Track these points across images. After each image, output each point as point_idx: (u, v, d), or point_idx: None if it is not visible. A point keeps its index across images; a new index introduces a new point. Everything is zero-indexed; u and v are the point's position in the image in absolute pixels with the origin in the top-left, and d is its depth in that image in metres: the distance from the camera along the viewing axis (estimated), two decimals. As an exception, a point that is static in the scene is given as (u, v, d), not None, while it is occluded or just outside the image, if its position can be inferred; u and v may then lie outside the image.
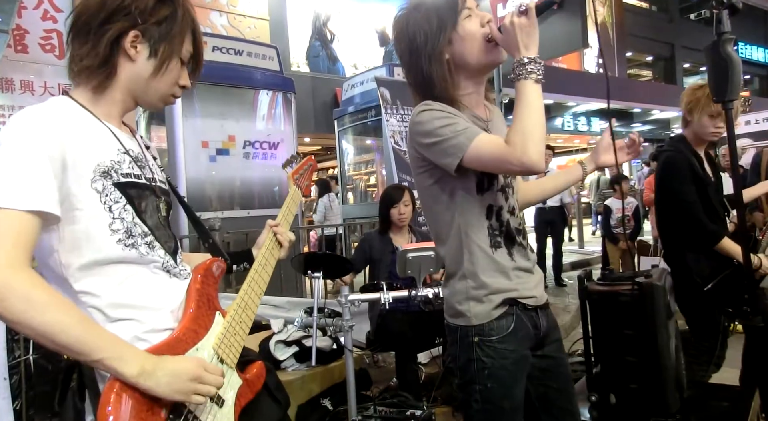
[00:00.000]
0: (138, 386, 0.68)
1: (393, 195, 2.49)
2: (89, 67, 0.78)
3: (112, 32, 0.77)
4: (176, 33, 0.81)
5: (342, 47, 9.11)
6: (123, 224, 0.77)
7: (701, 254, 1.67)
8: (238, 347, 0.86)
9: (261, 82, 3.67)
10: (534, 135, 0.87)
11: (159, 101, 0.86)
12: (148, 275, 0.80)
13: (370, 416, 1.73)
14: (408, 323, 2.24)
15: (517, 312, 1.00)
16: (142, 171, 0.83)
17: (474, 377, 0.98)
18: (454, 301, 1.01)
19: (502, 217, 1.01)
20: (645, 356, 1.17)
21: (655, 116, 12.77)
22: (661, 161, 1.81)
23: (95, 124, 0.78)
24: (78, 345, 0.66)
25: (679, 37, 13.47)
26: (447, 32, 0.96)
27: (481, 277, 0.98)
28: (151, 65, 0.81)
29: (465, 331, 0.99)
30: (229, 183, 3.51)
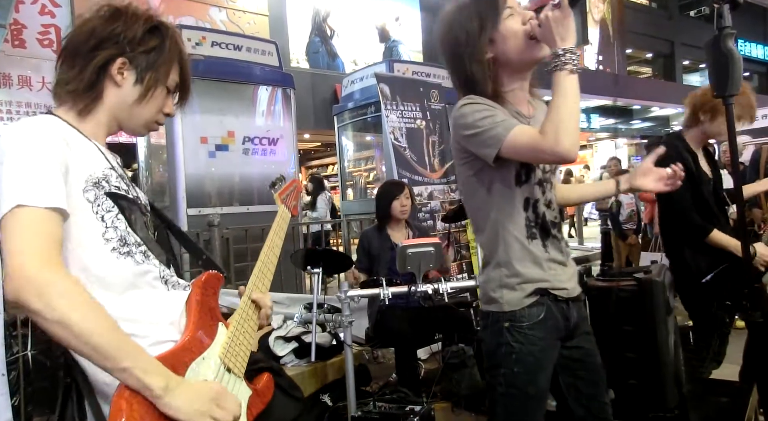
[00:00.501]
0: (159, 400, 0.67)
1: (394, 188, 2.49)
2: (74, 91, 0.80)
3: (100, 59, 0.79)
4: (162, 62, 0.84)
5: (342, 43, 9.07)
6: (116, 233, 0.77)
7: (698, 249, 1.68)
8: (245, 357, 0.85)
9: (260, 77, 3.65)
10: (566, 125, 0.89)
11: (142, 127, 0.88)
12: (146, 287, 0.79)
13: (369, 411, 1.74)
14: (407, 319, 2.24)
15: (548, 303, 1.03)
16: (128, 187, 0.84)
17: (501, 361, 1.02)
18: (488, 288, 1.05)
19: (538, 209, 1.05)
20: (644, 352, 1.18)
21: (654, 113, 12.77)
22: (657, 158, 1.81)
23: (83, 140, 0.79)
24: (108, 350, 0.65)
25: (678, 34, 13.44)
26: (488, 32, 1.00)
27: (515, 266, 1.02)
28: (137, 92, 0.83)
29: (496, 317, 1.03)
30: (228, 179, 3.50)
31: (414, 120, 3.78)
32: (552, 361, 1.04)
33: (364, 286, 2.05)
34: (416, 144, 3.72)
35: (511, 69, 1.03)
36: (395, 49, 9.62)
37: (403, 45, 9.74)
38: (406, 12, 9.88)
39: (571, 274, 1.08)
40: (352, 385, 1.83)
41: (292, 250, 3.31)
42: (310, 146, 10.71)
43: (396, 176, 3.45)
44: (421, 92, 3.92)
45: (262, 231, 3.36)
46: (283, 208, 1.14)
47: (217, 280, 0.90)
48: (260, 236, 3.35)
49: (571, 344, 1.07)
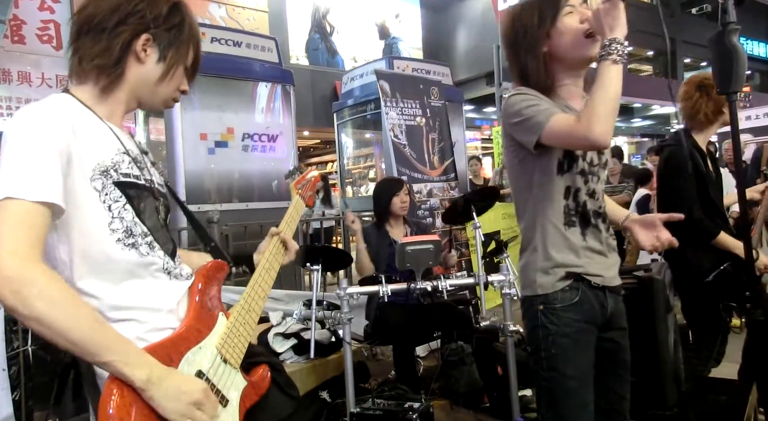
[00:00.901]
0: (142, 393, 0.67)
1: (393, 184, 2.48)
2: (102, 67, 0.79)
3: (127, 35, 0.79)
4: (184, 40, 0.84)
5: (341, 40, 9.04)
6: (122, 224, 0.76)
7: (701, 250, 1.67)
8: (242, 348, 0.85)
9: (260, 73, 3.64)
10: (600, 112, 0.92)
11: (161, 104, 0.88)
12: (148, 277, 0.79)
13: (368, 408, 1.74)
14: (406, 316, 2.25)
15: (583, 288, 1.05)
16: (141, 172, 0.83)
17: (539, 344, 1.05)
18: (525, 273, 1.10)
19: (579, 198, 1.07)
20: (644, 350, 1.18)
21: (655, 111, 12.74)
22: (663, 156, 1.80)
23: (97, 122, 0.78)
24: (88, 344, 0.65)
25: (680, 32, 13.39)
26: (546, 27, 1.04)
27: (549, 251, 1.06)
28: (159, 69, 0.83)
29: (531, 300, 1.07)
30: (228, 175, 3.49)
31: (414, 117, 3.77)
32: (590, 344, 1.05)
33: (363, 283, 2.05)
34: (416, 141, 3.71)
35: (565, 65, 1.07)
36: (395, 46, 9.59)
37: (403, 42, 9.72)
38: (406, 9, 9.85)
39: (610, 264, 1.10)
40: (351, 382, 1.83)
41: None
42: (309, 143, 10.69)
43: (396, 173, 3.45)
44: (421, 89, 3.91)
45: (261, 228, 3.36)
46: (297, 198, 1.12)
47: (222, 269, 0.89)
48: (260, 233, 3.35)
49: (606, 335, 1.09)
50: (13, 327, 2.17)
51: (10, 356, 2.11)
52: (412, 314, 2.24)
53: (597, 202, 1.10)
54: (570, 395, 1.03)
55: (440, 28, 10.24)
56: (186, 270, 0.87)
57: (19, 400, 2.13)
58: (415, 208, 3.43)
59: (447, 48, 10.13)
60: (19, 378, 2.14)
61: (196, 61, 0.89)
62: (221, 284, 0.89)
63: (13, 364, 2.14)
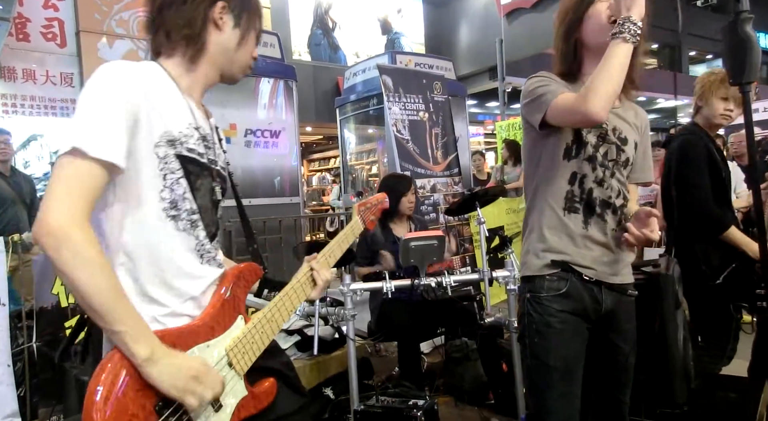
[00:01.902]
0: (141, 368, 0.68)
1: (402, 184, 2.46)
2: (189, 36, 0.82)
3: (206, 3, 0.82)
4: (253, 5, 0.88)
5: (343, 36, 8.99)
6: (171, 195, 0.78)
7: (710, 245, 1.64)
8: (252, 357, 0.84)
9: (262, 69, 3.62)
10: (599, 88, 0.91)
11: (239, 72, 0.90)
12: (179, 255, 0.79)
13: (372, 405, 1.73)
14: (410, 312, 2.23)
15: (573, 279, 1.03)
16: (206, 151, 0.84)
17: (525, 331, 1.05)
18: (522, 255, 1.10)
19: (584, 185, 1.05)
20: (652, 347, 1.16)
21: (660, 105, 12.61)
22: (676, 144, 1.76)
23: (176, 94, 0.81)
24: (105, 311, 0.68)
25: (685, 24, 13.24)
26: (579, 13, 1.04)
27: (544, 232, 1.05)
28: (236, 35, 0.86)
29: (523, 285, 1.07)
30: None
31: (417, 112, 3.74)
32: (578, 336, 1.03)
33: (367, 279, 2.04)
34: (419, 136, 3.69)
35: (592, 52, 1.05)
36: (397, 41, 9.53)
37: (405, 37, 9.65)
38: (408, 4, 9.78)
39: (614, 259, 1.06)
40: (354, 378, 1.83)
41: (294, 242, 3.31)
42: (311, 139, 10.67)
43: (399, 169, 3.43)
44: (424, 84, 3.87)
45: (264, 224, 3.36)
46: (357, 219, 1.14)
47: (255, 274, 0.89)
48: (262, 229, 3.34)
49: (602, 334, 1.06)
50: (18, 324, 2.18)
51: (15, 353, 2.12)
52: (415, 310, 2.23)
53: (607, 192, 1.07)
54: (552, 385, 1.01)
55: (442, 22, 10.17)
56: (220, 257, 0.87)
57: (23, 396, 2.14)
58: (418, 204, 3.41)
59: (449, 43, 10.06)
60: (23, 374, 2.15)
61: (261, 28, 0.92)
62: (250, 287, 0.89)
63: (18, 360, 2.15)
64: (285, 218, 3.40)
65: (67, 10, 6.33)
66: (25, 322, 2.19)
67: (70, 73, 6.35)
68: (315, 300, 1.04)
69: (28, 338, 2.19)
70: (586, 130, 1.05)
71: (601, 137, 1.06)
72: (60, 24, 6.40)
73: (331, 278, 1.01)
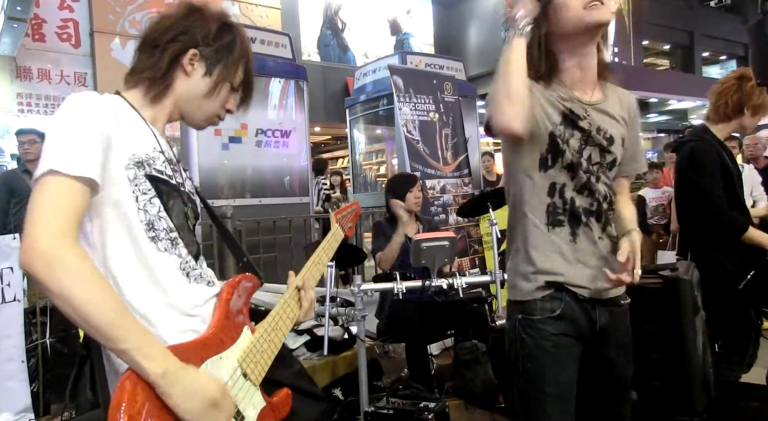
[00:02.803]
0: (156, 388, 0.66)
1: (407, 180, 2.47)
2: (151, 79, 0.84)
3: (175, 49, 0.84)
4: (232, 60, 0.87)
5: (353, 36, 9.01)
6: (146, 216, 0.77)
7: (725, 254, 1.61)
8: (264, 366, 0.83)
9: (273, 69, 3.63)
10: (497, 97, 0.89)
11: (204, 121, 0.90)
12: (164, 274, 0.78)
13: (382, 407, 1.72)
14: (420, 313, 2.22)
15: (567, 299, 0.97)
16: (174, 173, 0.84)
17: (517, 356, 0.99)
18: (509, 275, 1.04)
19: (565, 195, 0.99)
20: (670, 353, 1.13)
21: (672, 106, 12.44)
22: (685, 152, 1.73)
23: (140, 121, 0.82)
24: (109, 330, 0.64)
25: (698, 25, 13.05)
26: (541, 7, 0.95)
27: (531, 253, 0.98)
28: (205, 84, 0.86)
29: (512, 307, 1.01)
30: (241, 171, 3.50)
31: (427, 113, 3.73)
32: (572, 358, 0.98)
33: (377, 280, 2.03)
34: (429, 137, 3.68)
35: (568, 42, 0.97)
36: (406, 41, 9.53)
37: (414, 37, 9.64)
38: (418, 4, 9.77)
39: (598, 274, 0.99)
40: (364, 379, 1.82)
41: (304, 242, 3.32)
42: (320, 139, 10.70)
43: (408, 169, 3.42)
44: (435, 84, 3.86)
45: (274, 223, 3.36)
46: (337, 227, 1.14)
47: (252, 283, 0.89)
48: (272, 229, 3.35)
49: (597, 351, 1.00)
50: (32, 320, 2.20)
51: (29, 348, 2.15)
52: (425, 311, 2.21)
53: (587, 199, 1.00)
54: (548, 413, 0.96)
55: (452, 23, 10.14)
56: (208, 274, 0.86)
57: (37, 391, 2.17)
58: (428, 205, 3.40)
59: (458, 43, 10.03)
60: (37, 370, 2.18)
61: (247, 83, 0.91)
62: (250, 297, 0.88)
63: (32, 356, 2.17)
64: (295, 217, 3.41)
65: (81, 11, 6.43)
66: (39, 318, 2.22)
67: (84, 72, 6.45)
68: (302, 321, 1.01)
69: (41, 335, 2.21)
70: (564, 136, 0.97)
71: (584, 141, 0.98)
72: (75, 25, 6.50)
73: (315, 296, 0.99)
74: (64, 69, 6.23)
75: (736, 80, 1.66)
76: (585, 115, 1.00)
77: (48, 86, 6.21)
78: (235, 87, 0.89)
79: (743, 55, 12.59)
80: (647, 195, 4.51)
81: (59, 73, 6.22)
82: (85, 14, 6.40)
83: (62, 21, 6.25)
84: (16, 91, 6.08)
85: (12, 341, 2.07)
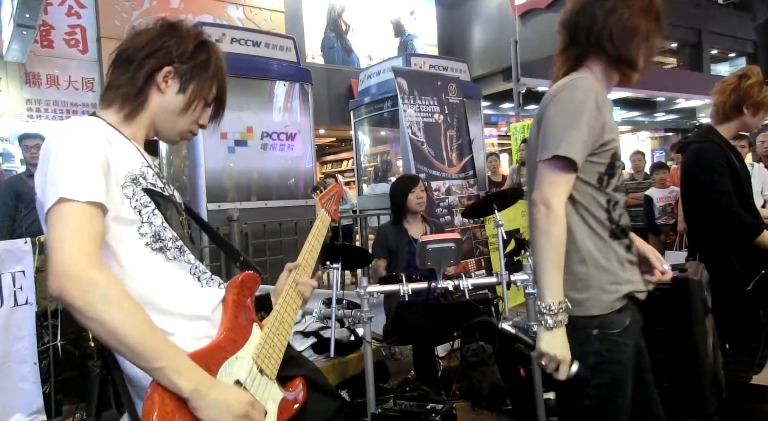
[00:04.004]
0: (189, 403, 0.68)
1: (408, 181, 2.47)
2: (126, 95, 0.84)
3: (150, 66, 0.84)
4: (207, 78, 0.89)
5: (356, 38, 9.03)
6: (151, 228, 0.79)
7: (734, 253, 1.59)
8: (278, 359, 0.85)
9: (278, 73, 3.66)
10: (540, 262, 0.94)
11: (177, 136, 0.91)
12: (177, 282, 0.80)
13: (389, 409, 1.72)
14: (426, 315, 2.22)
15: (631, 307, 0.97)
16: (165, 186, 0.87)
17: (589, 372, 0.94)
18: (569, 288, 0.96)
19: (617, 210, 0.99)
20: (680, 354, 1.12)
21: (680, 105, 12.33)
22: (691, 153, 1.72)
23: (124, 140, 0.84)
24: (143, 349, 0.67)
25: (706, 22, 12.93)
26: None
27: (603, 264, 0.96)
28: (179, 101, 0.87)
29: (582, 323, 0.95)
30: (247, 174, 3.52)
31: (432, 114, 3.74)
32: (633, 367, 0.98)
33: (383, 282, 2.04)
34: (434, 138, 3.68)
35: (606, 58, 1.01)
36: (410, 43, 9.53)
37: (418, 39, 9.65)
38: (421, 5, 9.78)
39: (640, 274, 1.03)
40: (371, 381, 1.82)
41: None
42: (324, 142, 10.73)
43: (413, 171, 3.42)
44: (439, 86, 3.86)
45: (280, 226, 3.38)
46: (323, 212, 1.14)
47: (254, 281, 0.90)
48: (278, 231, 3.37)
49: (639, 349, 1.01)
50: (43, 323, 2.23)
51: (41, 351, 2.17)
52: (432, 313, 2.21)
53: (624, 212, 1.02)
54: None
55: (455, 24, 10.13)
56: (217, 278, 0.88)
57: (48, 393, 2.19)
58: (433, 206, 3.40)
59: (462, 44, 10.02)
60: (49, 372, 2.20)
61: (220, 98, 0.93)
62: (254, 295, 0.90)
63: (44, 358, 2.20)
64: (301, 219, 3.42)
65: (88, 17, 6.52)
66: (51, 321, 2.25)
67: (92, 78, 6.54)
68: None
69: (53, 337, 2.24)
70: (618, 155, 0.99)
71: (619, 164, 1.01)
72: (82, 31, 6.59)
73: (315, 283, 1.01)
74: (72, 74, 6.32)
75: (737, 79, 1.65)
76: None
77: (56, 92, 6.30)
78: (209, 103, 0.91)
79: (753, 52, 12.42)
80: (654, 195, 4.47)
81: (67, 79, 6.31)
82: (92, 20, 6.49)
83: (70, 27, 6.34)
84: (25, 97, 6.17)
85: (24, 343, 2.10)
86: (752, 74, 1.64)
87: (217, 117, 0.95)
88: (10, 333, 2.07)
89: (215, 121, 0.95)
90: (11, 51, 5.34)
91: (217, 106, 0.93)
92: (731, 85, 1.66)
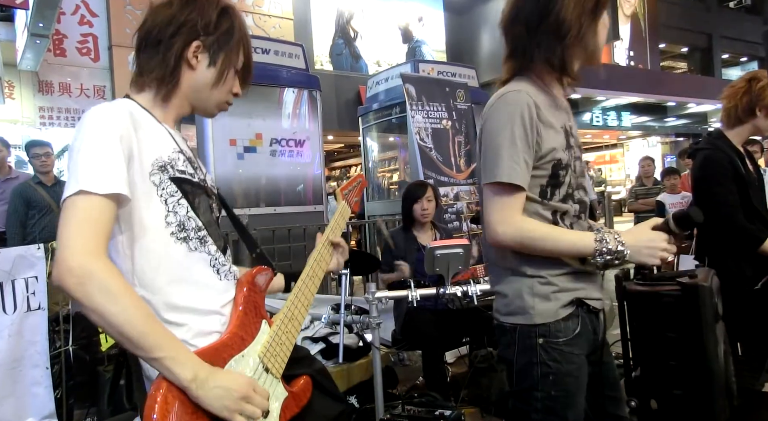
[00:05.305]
0: (188, 392, 0.69)
1: (415, 191, 2.47)
2: (160, 78, 0.83)
3: (179, 44, 0.82)
4: (233, 45, 0.86)
5: (365, 45, 9.10)
6: (176, 218, 0.79)
7: (742, 257, 1.58)
8: (284, 358, 0.85)
9: (287, 80, 3.70)
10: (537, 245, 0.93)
11: (215, 108, 0.90)
12: (195, 274, 0.80)
13: (398, 415, 1.72)
14: (435, 321, 2.21)
15: (582, 314, 0.94)
16: (195, 171, 0.86)
17: (535, 384, 0.92)
18: (514, 297, 0.94)
19: (565, 221, 0.97)
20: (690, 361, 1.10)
21: (690, 110, 12.21)
22: (698, 160, 1.71)
23: (155, 124, 0.82)
24: (141, 340, 0.68)
25: (717, 27, 12.83)
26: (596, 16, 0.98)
27: (545, 271, 0.93)
28: (211, 74, 0.85)
29: (526, 331, 0.92)
30: (256, 180, 3.56)
31: (440, 120, 3.75)
32: (586, 378, 0.95)
33: (392, 288, 2.03)
34: (442, 144, 3.69)
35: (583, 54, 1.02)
36: (418, 49, 9.58)
37: (426, 45, 9.69)
38: (430, 12, 9.83)
39: (600, 282, 1.00)
40: (380, 387, 1.82)
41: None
42: (333, 148, 10.79)
43: (422, 177, 3.43)
44: (447, 92, 3.88)
45: (289, 232, 3.40)
46: (343, 204, 1.12)
47: (266, 276, 0.90)
48: (287, 237, 3.39)
49: (595, 358, 0.98)
50: (55, 327, 2.26)
51: (53, 356, 2.20)
52: (441, 319, 2.20)
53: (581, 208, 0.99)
54: None
55: (464, 30, 10.17)
56: (235, 270, 0.88)
57: (60, 398, 2.21)
58: (441, 212, 3.40)
59: (471, 50, 10.04)
60: (60, 377, 2.22)
61: (247, 64, 0.90)
62: (265, 290, 0.90)
63: (56, 363, 2.23)
64: (309, 225, 3.44)
65: (100, 26, 6.66)
66: (62, 326, 2.27)
67: (103, 85, 6.66)
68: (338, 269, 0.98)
69: (65, 342, 2.26)
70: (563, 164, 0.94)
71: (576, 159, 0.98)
72: (94, 39, 6.74)
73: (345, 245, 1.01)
74: (83, 82, 6.45)
75: (746, 82, 1.63)
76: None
77: (68, 99, 6.43)
78: (239, 72, 0.89)
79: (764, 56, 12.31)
80: (666, 200, 4.43)
81: (79, 87, 6.44)
82: (103, 29, 6.63)
83: (82, 36, 6.48)
84: (38, 104, 6.30)
85: (37, 348, 2.12)
86: (762, 77, 1.63)
87: (246, 83, 0.92)
88: (24, 338, 2.09)
89: (244, 87, 0.91)
90: (25, 60, 5.47)
91: (246, 72, 0.90)
92: (742, 88, 1.65)
